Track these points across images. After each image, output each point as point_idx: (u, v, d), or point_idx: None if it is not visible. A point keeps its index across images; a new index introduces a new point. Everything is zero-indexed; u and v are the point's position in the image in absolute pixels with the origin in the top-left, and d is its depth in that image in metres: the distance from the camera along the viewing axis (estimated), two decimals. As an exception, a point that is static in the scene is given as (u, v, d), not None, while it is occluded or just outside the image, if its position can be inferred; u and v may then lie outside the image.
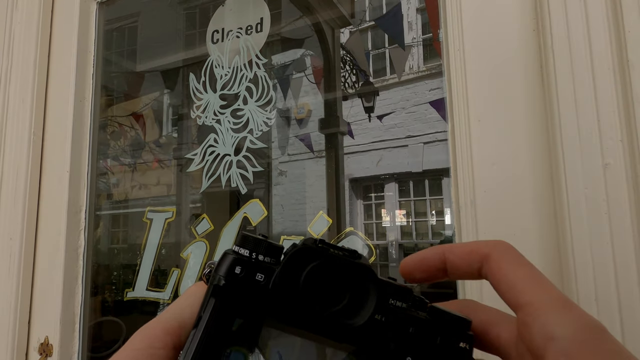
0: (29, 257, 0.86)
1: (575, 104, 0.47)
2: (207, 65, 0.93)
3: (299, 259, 0.22)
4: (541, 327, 0.20)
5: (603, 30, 0.47)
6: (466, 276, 0.24)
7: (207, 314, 0.21)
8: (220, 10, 0.96)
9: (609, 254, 0.43)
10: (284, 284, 0.21)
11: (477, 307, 0.25)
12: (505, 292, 0.22)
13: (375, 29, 3.16)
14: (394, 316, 0.22)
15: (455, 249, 0.25)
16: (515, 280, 0.22)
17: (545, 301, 0.21)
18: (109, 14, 0.99)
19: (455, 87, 0.55)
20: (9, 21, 0.94)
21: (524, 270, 0.22)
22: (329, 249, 0.22)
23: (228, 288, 0.21)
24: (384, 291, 0.22)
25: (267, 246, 0.22)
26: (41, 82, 0.91)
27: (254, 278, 0.22)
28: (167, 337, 0.22)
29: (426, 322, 0.23)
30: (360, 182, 4.71)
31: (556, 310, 0.20)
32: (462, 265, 0.24)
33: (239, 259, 0.22)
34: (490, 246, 0.24)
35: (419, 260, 0.25)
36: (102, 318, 1.35)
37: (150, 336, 0.22)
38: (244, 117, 0.88)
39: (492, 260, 0.23)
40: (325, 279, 0.22)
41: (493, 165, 0.52)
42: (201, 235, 0.88)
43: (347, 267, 0.22)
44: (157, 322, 0.23)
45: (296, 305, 0.21)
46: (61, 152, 0.88)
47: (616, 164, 0.44)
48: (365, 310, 0.22)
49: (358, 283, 0.22)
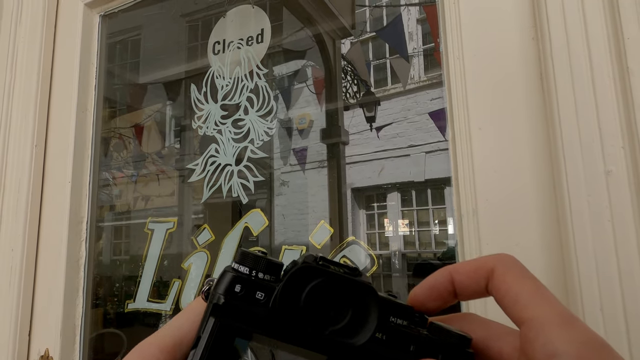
0: (30, 269, 0.86)
1: (575, 111, 0.47)
2: (208, 76, 0.93)
3: (299, 278, 0.22)
4: (544, 343, 0.20)
5: (602, 38, 0.47)
6: (475, 295, 0.24)
7: (206, 333, 0.21)
8: (222, 21, 0.96)
9: (613, 261, 0.43)
10: (284, 302, 0.21)
11: (478, 321, 0.25)
12: (508, 306, 0.22)
13: (376, 39, 3.18)
14: (394, 334, 0.22)
15: (461, 269, 0.24)
16: (518, 295, 0.22)
17: (549, 316, 0.20)
18: (112, 26, 1.00)
19: (455, 96, 0.55)
20: (12, 34, 0.95)
21: (527, 284, 0.22)
22: (329, 267, 0.22)
23: (228, 307, 0.21)
24: (385, 309, 0.22)
25: (267, 264, 0.22)
26: (44, 93, 0.91)
27: (254, 296, 0.21)
28: (163, 355, 0.22)
29: (427, 340, 0.22)
30: (362, 192, 4.70)
31: (559, 326, 0.20)
32: (471, 284, 0.24)
33: (238, 277, 0.22)
34: (495, 260, 0.23)
35: (429, 288, 0.25)
36: (103, 330, 1.35)
37: (145, 354, 0.22)
38: (245, 127, 0.88)
39: (496, 274, 0.23)
40: (327, 298, 0.22)
41: (495, 173, 0.52)
42: (202, 245, 0.87)
43: (348, 285, 0.22)
44: (154, 339, 0.23)
45: (297, 324, 0.21)
46: (63, 163, 0.88)
47: (618, 171, 0.44)
48: (366, 329, 0.22)
49: (359, 301, 0.22)
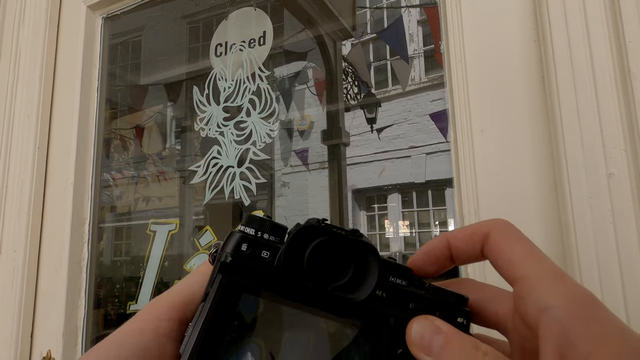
0: (32, 270, 0.86)
1: (577, 113, 0.47)
2: (210, 78, 0.94)
3: (303, 236, 0.22)
4: (535, 298, 0.20)
5: (603, 41, 0.47)
6: (471, 259, 0.25)
7: (214, 288, 0.22)
8: (224, 24, 0.97)
9: (615, 264, 0.43)
10: (289, 259, 0.22)
11: (474, 285, 0.26)
12: (502, 267, 0.23)
13: (377, 41, 3.18)
14: (394, 292, 0.23)
15: (458, 234, 0.25)
16: (512, 256, 0.22)
17: (540, 273, 0.21)
18: (114, 28, 1.00)
19: (457, 98, 0.56)
20: (15, 36, 0.95)
21: (520, 245, 0.23)
22: (332, 227, 0.23)
23: (234, 264, 0.22)
24: (385, 268, 0.23)
25: (272, 225, 0.23)
26: (46, 95, 0.92)
27: (259, 255, 0.22)
28: (173, 311, 0.23)
29: (425, 299, 0.23)
30: (363, 193, 4.70)
31: (550, 281, 0.21)
32: (467, 248, 0.24)
33: (245, 236, 0.22)
34: (490, 225, 0.24)
35: (426, 253, 0.26)
36: (105, 331, 1.35)
37: (157, 308, 0.24)
38: (247, 129, 0.88)
39: (490, 238, 0.23)
40: (329, 255, 0.22)
41: (497, 175, 0.52)
42: (204, 247, 0.87)
43: (350, 243, 0.23)
44: (165, 297, 0.24)
45: (301, 281, 0.22)
46: (65, 164, 0.89)
47: (620, 174, 0.44)
48: (367, 286, 0.22)
49: (361, 259, 0.23)
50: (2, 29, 0.97)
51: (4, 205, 0.89)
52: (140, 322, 0.23)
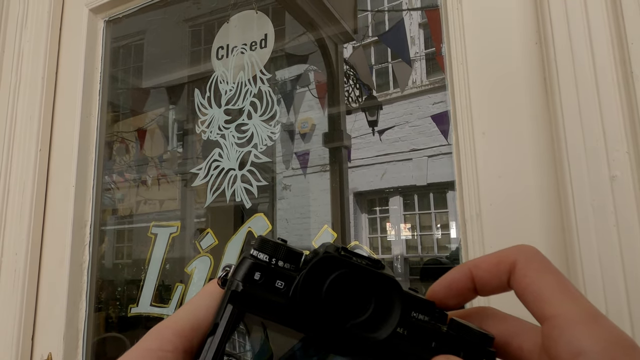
0: (33, 273, 0.86)
1: (580, 116, 0.47)
2: (212, 81, 0.94)
3: (322, 268, 0.21)
4: (568, 342, 0.19)
5: (606, 43, 0.47)
6: (497, 290, 0.23)
7: (224, 320, 0.20)
8: (225, 27, 0.97)
9: (618, 266, 0.43)
10: (306, 292, 0.20)
11: (497, 315, 0.24)
12: (530, 302, 0.21)
13: (378, 43, 3.19)
14: (416, 330, 0.22)
15: (481, 264, 0.23)
16: (541, 290, 0.21)
17: (573, 313, 0.19)
18: (116, 31, 1.00)
19: (459, 101, 0.55)
20: (18, 39, 0.96)
21: (550, 278, 0.21)
22: (351, 258, 0.21)
23: (246, 294, 0.20)
24: (407, 303, 0.22)
25: (287, 252, 0.21)
26: (48, 97, 0.92)
27: (273, 285, 0.21)
28: (178, 339, 0.21)
29: (448, 337, 0.22)
30: (364, 196, 4.69)
31: (585, 324, 0.19)
32: (492, 279, 0.23)
33: (258, 264, 0.21)
34: (516, 252, 0.22)
35: (447, 285, 0.24)
36: (106, 334, 1.34)
37: (161, 337, 0.21)
38: (249, 131, 0.88)
39: (517, 268, 0.22)
40: (349, 289, 0.21)
41: (499, 178, 0.52)
42: (205, 250, 0.87)
43: (371, 277, 0.21)
44: (170, 322, 0.22)
45: (318, 316, 0.20)
46: (67, 167, 0.89)
47: (623, 176, 0.44)
48: (388, 324, 0.21)
49: (382, 294, 0.21)
50: (4, 32, 0.98)
51: (6, 207, 0.89)
52: (142, 350, 0.21)
